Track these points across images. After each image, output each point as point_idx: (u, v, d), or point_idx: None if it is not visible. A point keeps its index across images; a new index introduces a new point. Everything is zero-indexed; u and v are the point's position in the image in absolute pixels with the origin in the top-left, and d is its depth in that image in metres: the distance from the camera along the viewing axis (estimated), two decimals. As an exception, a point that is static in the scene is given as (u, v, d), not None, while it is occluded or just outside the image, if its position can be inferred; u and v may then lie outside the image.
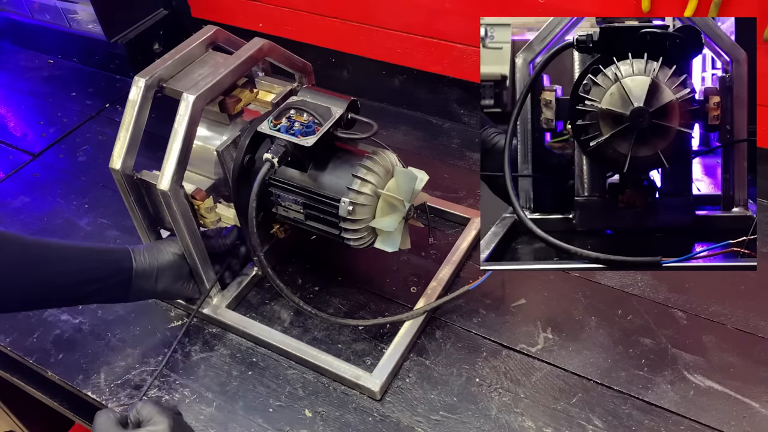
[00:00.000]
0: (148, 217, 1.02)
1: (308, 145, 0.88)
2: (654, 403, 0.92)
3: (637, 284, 1.07)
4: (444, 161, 1.35)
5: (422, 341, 1.02)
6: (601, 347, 0.99)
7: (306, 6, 1.46)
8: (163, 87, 0.95)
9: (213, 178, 1.02)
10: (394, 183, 0.92)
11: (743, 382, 0.93)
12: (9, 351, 1.07)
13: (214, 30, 1.01)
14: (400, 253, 1.09)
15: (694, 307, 1.03)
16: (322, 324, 1.05)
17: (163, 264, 0.97)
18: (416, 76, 1.43)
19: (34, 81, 1.72)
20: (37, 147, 1.49)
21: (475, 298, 1.07)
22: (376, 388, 0.94)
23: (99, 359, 1.04)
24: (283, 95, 1.04)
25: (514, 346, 1.01)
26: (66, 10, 1.63)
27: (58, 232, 1.26)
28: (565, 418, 0.91)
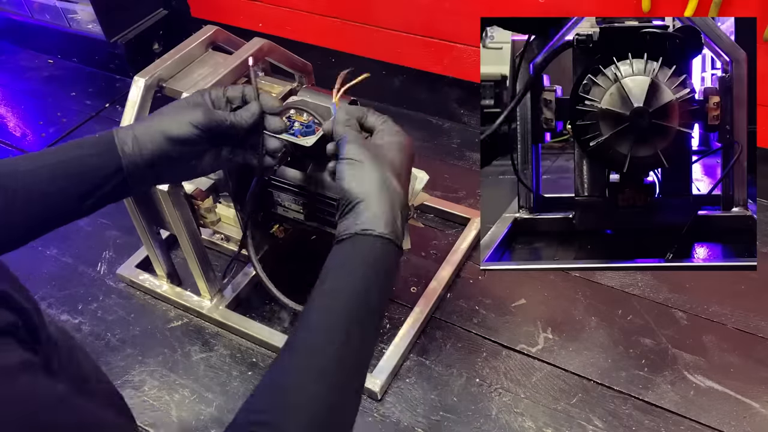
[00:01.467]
0: (148, 217, 1.02)
1: (308, 145, 0.88)
2: (654, 404, 0.92)
3: (637, 284, 1.07)
4: (444, 161, 1.35)
5: (422, 341, 1.02)
6: (601, 347, 0.99)
7: (306, 6, 1.46)
8: (162, 87, 0.95)
9: (213, 178, 1.02)
10: (394, 183, 0.92)
11: (743, 382, 0.93)
12: (9, 351, 1.07)
13: (214, 30, 1.01)
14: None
15: (694, 307, 1.03)
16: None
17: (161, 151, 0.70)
18: (416, 76, 1.43)
19: (34, 81, 1.72)
20: (37, 147, 1.49)
21: (475, 298, 1.07)
22: (376, 388, 0.94)
23: (99, 359, 1.03)
24: (283, 95, 1.04)
25: (514, 346, 1.00)
26: (66, 10, 1.63)
27: (58, 232, 1.26)
28: (565, 419, 0.91)
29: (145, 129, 0.69)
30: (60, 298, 1.14)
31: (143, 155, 0.69)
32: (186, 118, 0.70)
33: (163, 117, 0.71)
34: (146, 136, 0.69)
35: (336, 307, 0.57)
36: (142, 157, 0.69)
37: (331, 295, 0.58)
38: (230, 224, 1.08)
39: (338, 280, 0.59)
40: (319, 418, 0.51)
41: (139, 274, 1.15)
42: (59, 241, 1.25)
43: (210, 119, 0.70)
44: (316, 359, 0.54)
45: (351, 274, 0.59)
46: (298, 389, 0.52)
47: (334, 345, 0.54)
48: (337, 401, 0.53)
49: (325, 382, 0.53)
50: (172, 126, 0.69)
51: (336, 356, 0.54)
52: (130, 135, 0.69)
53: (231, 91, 0.74)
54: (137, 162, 0.69)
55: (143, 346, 1.05)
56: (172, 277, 1.12)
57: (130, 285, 1.16)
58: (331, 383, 0.53)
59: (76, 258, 1.22)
